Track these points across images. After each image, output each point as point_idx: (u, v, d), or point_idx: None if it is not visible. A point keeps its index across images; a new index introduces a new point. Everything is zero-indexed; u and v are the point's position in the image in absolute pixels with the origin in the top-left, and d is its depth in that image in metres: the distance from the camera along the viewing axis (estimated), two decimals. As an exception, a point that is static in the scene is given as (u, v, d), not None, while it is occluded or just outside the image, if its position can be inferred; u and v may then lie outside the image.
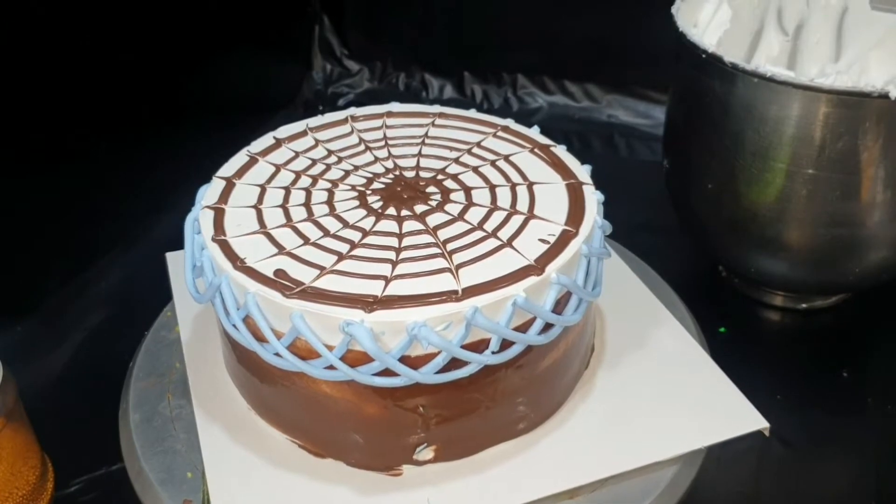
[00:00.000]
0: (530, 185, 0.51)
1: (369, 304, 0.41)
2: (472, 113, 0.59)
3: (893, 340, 0.59)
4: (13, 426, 0.45)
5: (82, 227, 0.68)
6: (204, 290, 0.47)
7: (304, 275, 0.43)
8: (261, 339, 0.44)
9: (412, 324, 0.40)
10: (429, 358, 0.42)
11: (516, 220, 0.48)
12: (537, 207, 0.49)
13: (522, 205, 0.49)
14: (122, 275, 0.69)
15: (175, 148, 0.75)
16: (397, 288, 0.42)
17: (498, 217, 0.48)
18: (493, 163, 0.53)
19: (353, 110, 0.60)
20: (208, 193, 0.50)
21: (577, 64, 0.93)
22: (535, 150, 0.55)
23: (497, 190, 0.50)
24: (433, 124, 0.58)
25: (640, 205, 0.66)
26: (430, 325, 0.41)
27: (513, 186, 0.51)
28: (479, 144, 0.55)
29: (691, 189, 0.62)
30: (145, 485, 0.48)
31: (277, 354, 0.43)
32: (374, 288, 0.42)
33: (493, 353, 0.43)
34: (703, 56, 0.55)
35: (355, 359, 0.42)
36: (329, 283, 0.43)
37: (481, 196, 0.50)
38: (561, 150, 0.54)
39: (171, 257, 0.62)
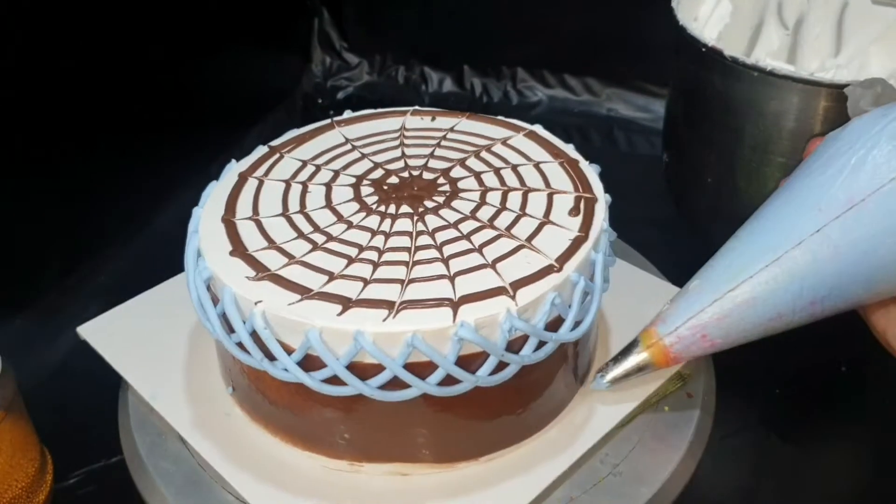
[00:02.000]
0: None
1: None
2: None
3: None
4: (12, 419, 0.45)
5: (81, 221, 0.68)
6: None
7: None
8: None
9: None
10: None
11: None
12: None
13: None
14: (121, 268, 0.69)
15: (174, 141, 0.75)
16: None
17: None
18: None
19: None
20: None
21: (577, 58, 0.92)
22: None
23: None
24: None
25: (640, 199, 0.65)
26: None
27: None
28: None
29: (691, 183, 0.62)
30: (144, 477, 0.48)
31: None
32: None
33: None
34: (703, 50, 0.55)
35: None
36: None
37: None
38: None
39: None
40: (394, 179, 0.51)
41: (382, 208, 0.48)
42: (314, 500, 0.45)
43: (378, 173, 0.51)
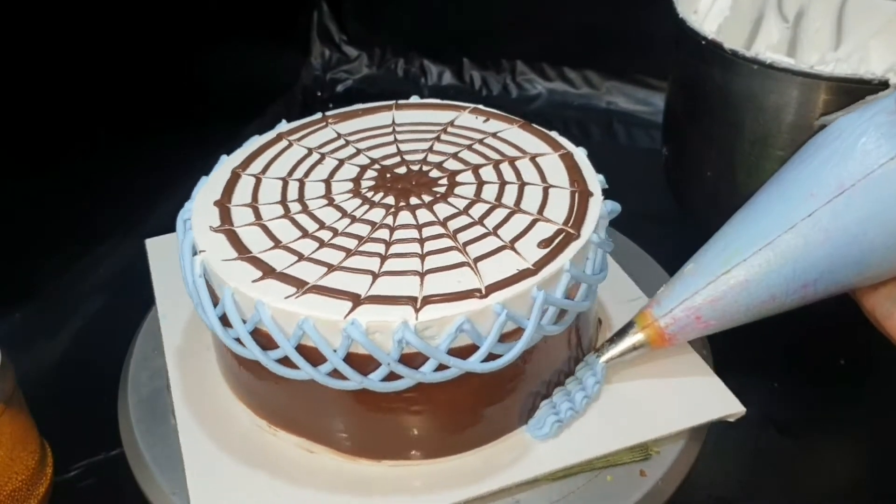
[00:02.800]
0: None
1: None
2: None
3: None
4: (12, 412, 0.45)
5: (81, 214, 0.68)
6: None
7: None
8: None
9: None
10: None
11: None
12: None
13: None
14: (120, 262, 0.69)
15: (174, 135, 0.75)
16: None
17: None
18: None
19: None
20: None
21: (577, 51, 0.92)
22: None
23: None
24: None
25: (639, 192, 0.65)
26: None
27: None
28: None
29: (690, 176, 0.62)
30: (144, 470, 0.48)
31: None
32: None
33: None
34: (703, 43, 0.55)
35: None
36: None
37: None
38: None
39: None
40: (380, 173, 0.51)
41: (359, 202, 0.48)
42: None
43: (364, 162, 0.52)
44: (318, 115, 0.57)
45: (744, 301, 0.45)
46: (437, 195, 0.49)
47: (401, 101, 0.58)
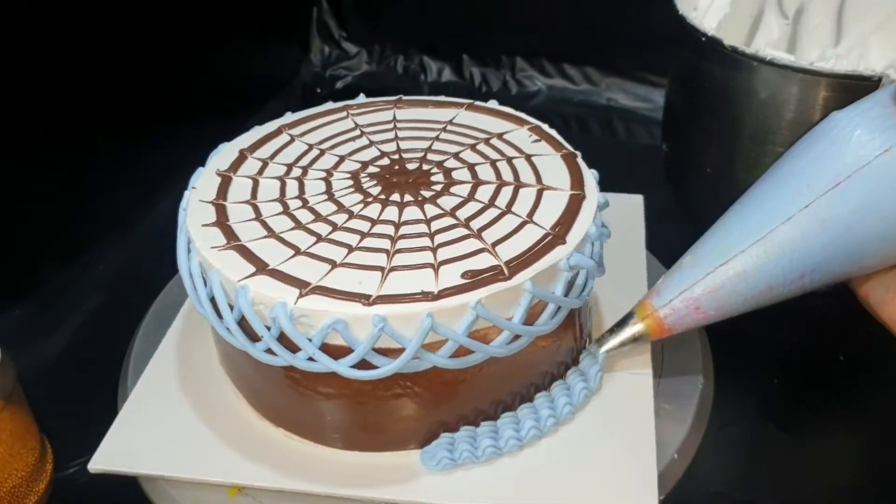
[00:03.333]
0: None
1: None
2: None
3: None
4: (11, 409, 0.46)
5: (80, 210, 0.68)
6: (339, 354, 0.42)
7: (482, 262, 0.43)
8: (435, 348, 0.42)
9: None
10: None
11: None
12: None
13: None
14: (120, 258, 0.69)
15: (173, 131, 0.75)
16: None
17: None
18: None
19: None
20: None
21: (577, 47, 0.92)
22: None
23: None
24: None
25: (639, 189, 0.65)
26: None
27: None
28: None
29: (690, 173, 0.62)
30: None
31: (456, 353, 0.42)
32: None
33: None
34: (703, 40, 0.54)
35: (534, 314, 0.43)
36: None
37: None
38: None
39: None
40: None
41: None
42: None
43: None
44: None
45: (742, 291, 0.46)
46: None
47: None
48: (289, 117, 0.57)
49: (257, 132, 0.55)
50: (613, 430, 0.47)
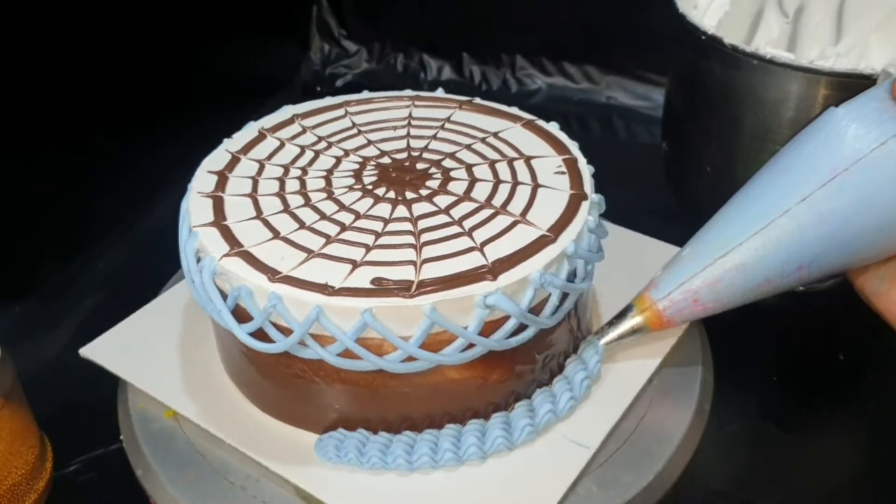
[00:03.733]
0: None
1: (490, 271, 0.42)
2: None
3: (889, 325, 0.60)
4: (11, 406, 0.46)
5: (81, 208, 0.68)
6: (269, 339, 0.43)
7: (401, 273, 0.42)
8: (384, 352, 0.42)
9: (538, 274, 0.42)
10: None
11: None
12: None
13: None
14: (120, 256, 0.69)
15: (173, 130, 0.75)
16: (492, 252, 0.43)
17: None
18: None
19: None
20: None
21: (577, 45, 0.92)
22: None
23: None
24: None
25: (639, 187, 0.66)
26: (550, 273, 0.42)
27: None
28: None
29: (690, 172, 0.62)
30: (143, 464, 0.48)
31: (410, 359, 0.42)
32: (473, 261, 0.42)
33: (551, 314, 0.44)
34: (703, 38, 0.54)
35: (489, 330, 0.42)
36: (431, 271, 0.42)
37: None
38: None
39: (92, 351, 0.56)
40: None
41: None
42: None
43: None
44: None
45: (740, 284, 0.46)
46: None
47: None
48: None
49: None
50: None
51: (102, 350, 0.51)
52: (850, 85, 0.50)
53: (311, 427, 0.46)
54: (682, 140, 0.63)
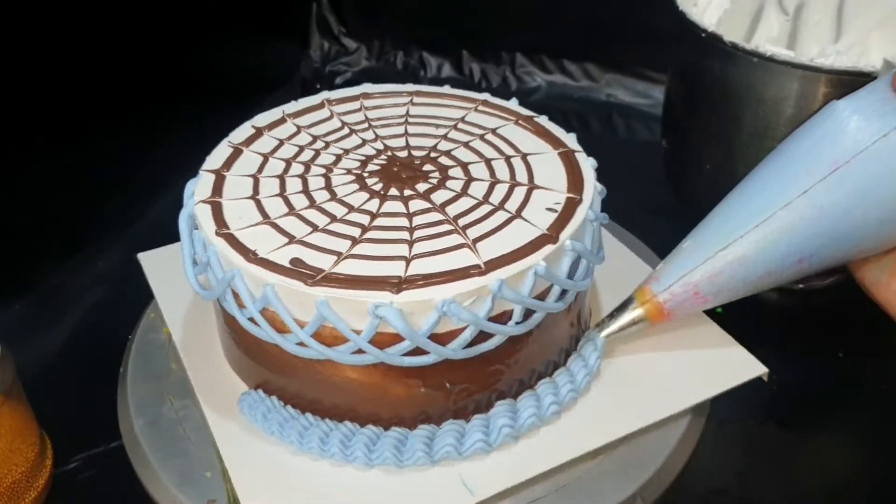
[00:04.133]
0: (524, 157, 0.51)
1: (396, 284, 0.41)
2: (448, 89, 0.59)
3: (889, 321, 0.60)
4: (11, 404, 0.46)
5: (80, 207, 0.68)
6: (209, 286, 0.46)
7: (321, 262, 0.43)
8: (282, 330, 0.43)
9: (441, 301, 0.40)
10: (456, 333, 0.42)
11: (519, 192, 0.48)
12: (536, 178, 0.49)
13: (521, 177, 0.49)
14: (120, 254, 0.69)
15: (173, 127, 0.75)
16: (420, 267, 0.42)
17: (501, 189, 0.48)
18: (482, 137, 0.53)
19: (325, 93, 0.59)
20: (199, 188, 0.49)
21: (577, 43, 0.92)
22: (520, 122, 0.55)
23: (493, 163, 0.50)
24: (412, 103, 0.57)
25: (639, 185, 0.65)
26: (458, 301, 0.41)
27: (507, 159, 0.51)
28: (463, 120, 0.55)
29: (690, 169, 0.62)
30: (143, 461, 0.48)
31: (301, 344, 0.43)
32: (397, 269, 0.42)
33: (517, 323, 0.43)
34: (703, 35, 0.54)
35: (383, 341, 0.42)
36: (349, 267, 0.43)
37: (479, 171, 0.50)
38: (544, 120, 0.54)
39: (146, 258, 0.59)
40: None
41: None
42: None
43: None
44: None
45: (741, 276, 0.46)
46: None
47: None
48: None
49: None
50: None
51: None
52: (849, 83, 0.50)
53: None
54: (682, 138, 0.63)
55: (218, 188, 0.49)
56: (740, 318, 0.54)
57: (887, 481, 0.50)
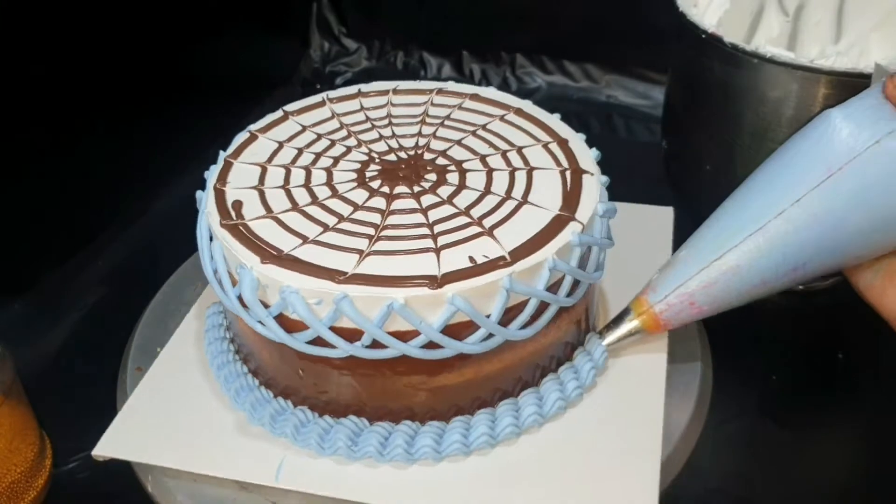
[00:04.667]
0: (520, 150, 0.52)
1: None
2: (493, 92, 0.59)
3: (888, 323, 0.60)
4: (11, 403, 0.46)
5: (80, 205, 0.68)
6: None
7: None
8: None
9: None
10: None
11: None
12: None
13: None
14: (120, 252, 0.69)
15: (172, 127, 0.75)
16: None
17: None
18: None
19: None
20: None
21: (577, 44, 0.92)
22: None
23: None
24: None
25: (639, 186, 0.65)
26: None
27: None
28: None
29: (690, 170, 0.62)
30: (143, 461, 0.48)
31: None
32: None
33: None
34: (703, 36, 0.54)
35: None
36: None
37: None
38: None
39: None
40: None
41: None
42: None
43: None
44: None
45: (735, 286, 0.46)
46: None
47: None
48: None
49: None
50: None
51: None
52: (849, 84, 0.50)
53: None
54: (682, 138, 0.63)
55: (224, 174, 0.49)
56: (740, 319, 0.54)
57: (886, 481, 0.50)
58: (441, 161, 0.51)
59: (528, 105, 0.57)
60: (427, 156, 0.51)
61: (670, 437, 0.48)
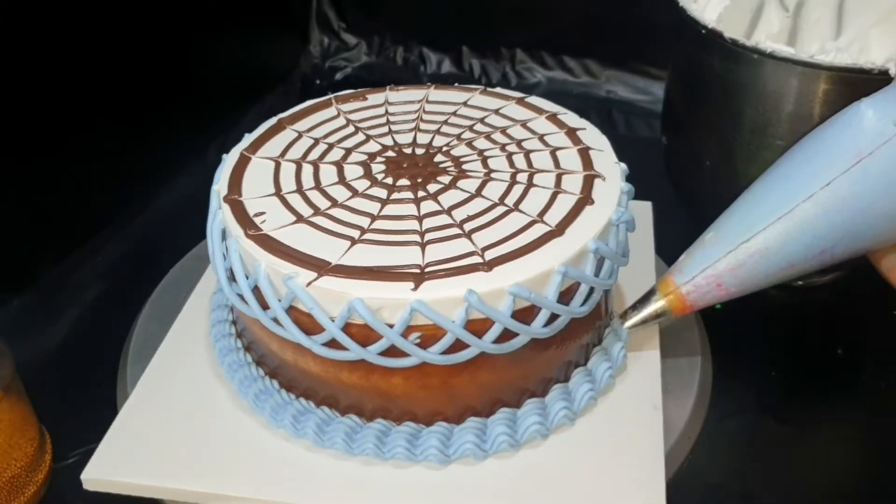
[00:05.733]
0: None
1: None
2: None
3: (889, 318, 0.60)
4: (10, 399, 0.46)
5: (80, 202, 0.67)
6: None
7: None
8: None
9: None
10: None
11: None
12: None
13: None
14: (120, 249, 0.69)
15: (172, 123, 0.75)
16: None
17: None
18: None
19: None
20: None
21: (577, 39, 0.92)
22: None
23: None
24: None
25: (638, 181, 0.65)
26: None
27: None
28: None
29: (689, 166, 0.62)
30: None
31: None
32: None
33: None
34: (703, 32, 0.54)
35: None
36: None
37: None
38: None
39: None
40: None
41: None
42: None
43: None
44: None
45: (763, 268, 0.46)
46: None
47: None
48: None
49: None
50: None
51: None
52: (850, 80, 0.50)
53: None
54: (682, 134, 0.63)
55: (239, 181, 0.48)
56: (740, 314, 0.54)
57: (886, 478, 0.50)
58: (483, 165, 0.51)
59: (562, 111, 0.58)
60: (470, 159, 0.52)
61: (670, 433, 0.48)
